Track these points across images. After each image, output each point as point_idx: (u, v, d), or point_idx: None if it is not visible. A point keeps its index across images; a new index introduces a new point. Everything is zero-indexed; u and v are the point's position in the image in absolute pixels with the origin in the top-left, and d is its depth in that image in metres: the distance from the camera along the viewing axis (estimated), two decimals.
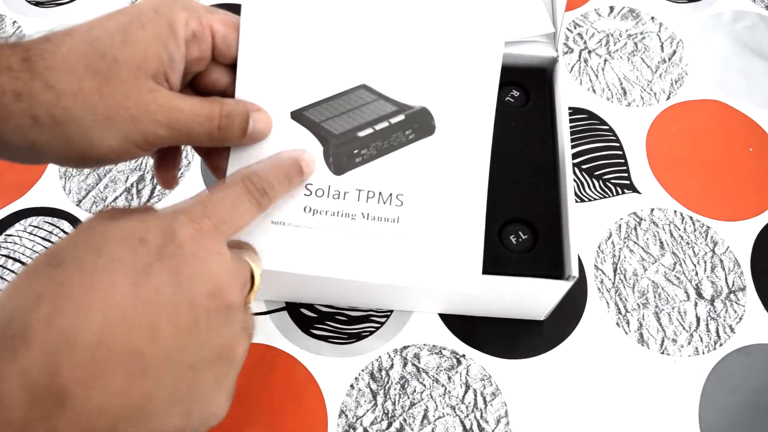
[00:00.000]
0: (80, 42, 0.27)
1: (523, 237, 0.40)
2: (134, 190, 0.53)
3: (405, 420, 0.42)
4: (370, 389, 0.44)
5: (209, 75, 0.33)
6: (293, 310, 0.47)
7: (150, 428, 0.23)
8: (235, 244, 0.30)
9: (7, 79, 0.26)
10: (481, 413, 0.43)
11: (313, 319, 0.46)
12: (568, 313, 0.46)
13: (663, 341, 0.45)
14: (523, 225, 0.40)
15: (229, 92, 0.33)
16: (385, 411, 0.43)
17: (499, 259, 0.39)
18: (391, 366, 0.44)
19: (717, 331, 0.45)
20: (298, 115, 0.33)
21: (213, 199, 0.27)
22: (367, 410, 0.43)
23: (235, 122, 0.31)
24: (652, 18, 0.61)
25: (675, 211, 0.50)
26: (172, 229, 0.25)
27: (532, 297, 0.41)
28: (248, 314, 0.28)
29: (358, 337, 0.46)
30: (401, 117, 0.32)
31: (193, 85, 0.33)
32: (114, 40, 0.28)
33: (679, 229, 0.49)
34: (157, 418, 0.23)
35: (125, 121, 0.28)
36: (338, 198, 0.32)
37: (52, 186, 0.53)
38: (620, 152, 0.53)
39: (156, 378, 0.23)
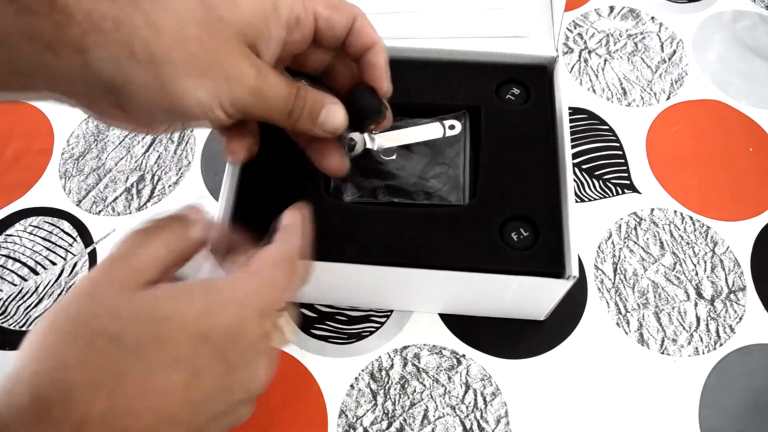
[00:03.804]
0: None
1: (525, 234, 0.40)
2: (134, 190, 0.53)
3: (405, 420, 0.42)
4: (370, 389, 0.44)
5: (309, 57, 0.33)
6: None
7: None
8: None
9: (109, 6, 0.25)
10: (481, 413, 0.43)
11: (313, 319, 0.46)
12: (568, 313, 0.46)
13: (663, 341, 0.45)
14: (524, 222, 0.40)
15: (329, 74, 0.34)
16: (385, 411, 0.43)
17: (500, 256, 0.39)
18: (391, 366, 0.44)
19: (717, 331, 0.45)
20: None
21: (285, 284, 0.28)
22: (367, 410, 0.43)
23: (306, 110, 0.31)
24: (652, 18, 0.61)
25: (675, 211, 0.50)
26: (237, 333, 0.25)
27: (533, 295, 0.41)
28: None
29: (358, 337, 0.46)
30: None
31: (293, 66, 0.33)
32: (223, 1, 0.28)
33: (679, 229, 0.49)
34: None
35: (219, 79, 0.27)
36: None
37: (52, 186, 0.53)
38: (620, 152, 0.53)
39: None
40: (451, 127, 0.45)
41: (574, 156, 0.53)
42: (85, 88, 0.26)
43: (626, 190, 0.51)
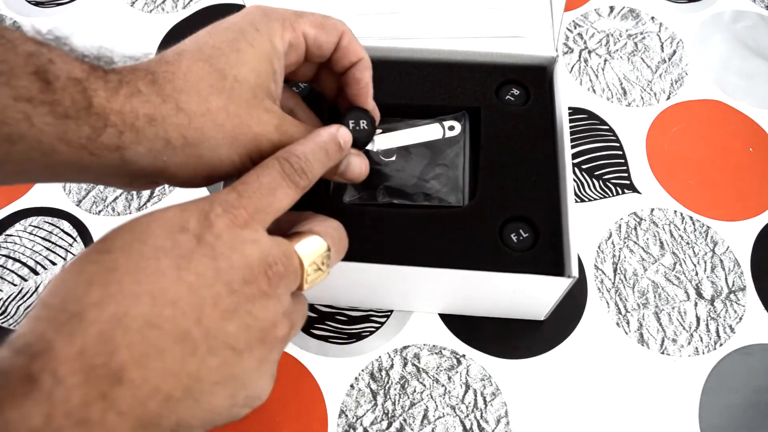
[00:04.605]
0: (196, 60, 0.28)
1: (524, 235, 0.40)
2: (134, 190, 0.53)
3: (405, 420, 0.42)
4: (370, 389, 0.44)
5: (298, 71, 0.34)
6: None
7: (197, 408, 0.23)
8: (291, 233, 0.30)
9: (139, 104, 0.26)
10: (481, 413, 0.43)
11: (313, 319, 0.46)
12: (568, 313, 0.46)
13: (663, 341, 0.45)
14: (524, 223, 0.40)
15: (316, 82, 0.35)
16: (385, 411, 0.43)
17: (499, 257, 0.39)
18: (391, 366, 0.44)
19: (717, 331, 0.45)
20: None
21: (248, 187, 0.27)
22: (367, 410, 0.43)
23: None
24: (652, 18, 0.61)
25: (675, 211, 0.50)
26: (209, 219, 0.25)
27: (533, 295, 0.41)
28: (295, 300, 0.28)
29: (358, 337, 0.46)
30: None
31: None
32: (229, 59, 0.28)
33: (679, 229, 0.49)
34: (204, 399, 0.24)
35: (248, 139, 0.29)
36: None
37: (52, 186, 0.53)
38: (620, 152, 0.53)
39: (203, 358, 0.23)
40: (451, 128, 0.45)
41: (574, 156, 0.53)
42: (121, 177, 0.28)
43: (626, 190, 0.51)
